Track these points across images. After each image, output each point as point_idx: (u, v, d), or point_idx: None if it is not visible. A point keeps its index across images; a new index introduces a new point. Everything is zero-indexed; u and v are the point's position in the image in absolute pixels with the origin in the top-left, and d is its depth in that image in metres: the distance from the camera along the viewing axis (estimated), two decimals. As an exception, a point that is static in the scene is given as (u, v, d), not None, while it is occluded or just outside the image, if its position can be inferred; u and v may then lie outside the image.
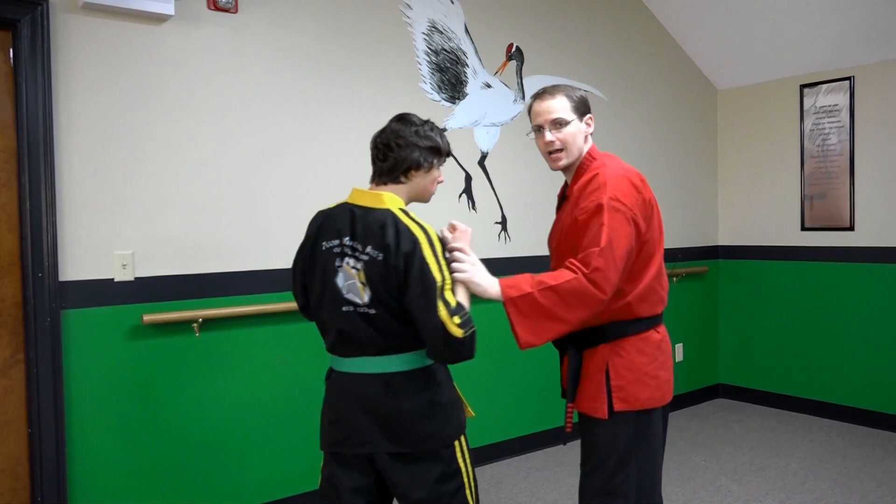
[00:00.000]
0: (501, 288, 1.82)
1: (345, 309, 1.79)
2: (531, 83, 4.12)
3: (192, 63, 3.01)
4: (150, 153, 2.92)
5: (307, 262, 1.91)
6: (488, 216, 4.00)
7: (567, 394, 2.03)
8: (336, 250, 1.81)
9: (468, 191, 3.91)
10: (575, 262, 1.83)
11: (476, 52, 3.93)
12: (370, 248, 1.75)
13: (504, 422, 4.03)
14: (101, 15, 2.80)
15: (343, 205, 1.87)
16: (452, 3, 3.84)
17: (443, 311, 1.69)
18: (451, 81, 3.84)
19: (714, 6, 4.55)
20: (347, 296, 1.78)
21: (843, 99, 4.50)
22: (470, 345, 1.71)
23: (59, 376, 2.71)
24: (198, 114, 3.03)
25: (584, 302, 1.80)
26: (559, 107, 1.99)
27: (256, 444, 3.18)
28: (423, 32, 3.73)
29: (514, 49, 4.08)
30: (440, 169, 1.94)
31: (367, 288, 1.76)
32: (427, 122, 1.90)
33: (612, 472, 1.93)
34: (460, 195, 3.88)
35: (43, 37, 2.66)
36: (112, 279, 2.84)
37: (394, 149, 1.83)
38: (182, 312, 2.92)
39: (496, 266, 3.99)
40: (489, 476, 3.75)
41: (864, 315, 4.46)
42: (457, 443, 1.85)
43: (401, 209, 1.82)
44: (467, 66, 3.90)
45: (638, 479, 1.94)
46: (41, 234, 2.67)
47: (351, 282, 1.78)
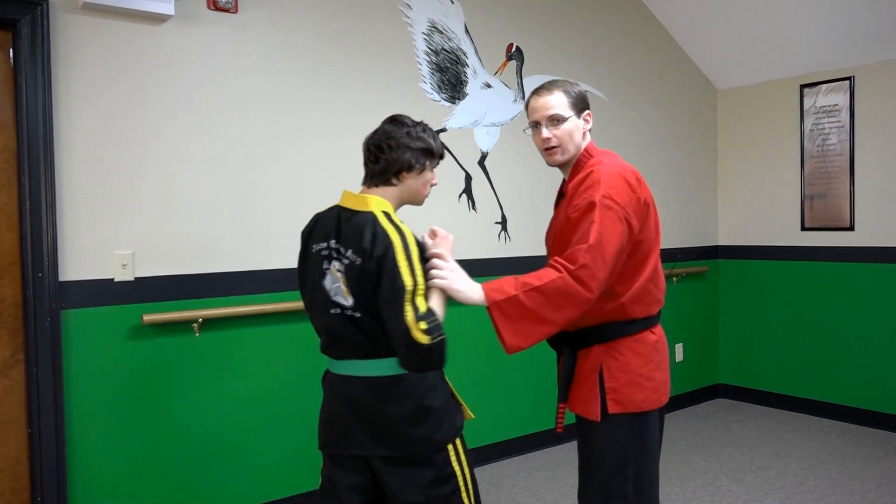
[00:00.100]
0: (485, 292, 1.77)
1: (332, 311, 1.79)
2: (531, 83, 4.12)
3: (192, 63, 3.01)
4: (151, 153, 2.92)
5: (301, 265, 1.93)
6: (488, 216, 4.00)
7: (559, 394, 2.01)
8: (324, 253, 1.81)
9: (468, 191, 3.91)
10: (560, 260, 1.79)
11: (476, 52, 3.93)
12: (350, 252, 1.75)
13: (504, 422, 4.03)
14: (101, 15, 2.80)
15: (333, 208, 1.88)
16: (452, 3, 3.84)
17: (409, 316, 1.64)
18: (451, 81, 3.84)
19: (714, 6, 4.55)
20: (335, 298, 1.78)
21: (843, 99, 4.50)
22: (437, 353, 1.65)
23: (59, 376, 2.71)
24: (198, 114, 3.03)
25: (570, 301, 1.76)
26: (556, 103, 1.95)
27: (256, 444, 3.18)
28: (423, 32, 3.73)
29: (514, 49, 4.08)
30: (434, 171, 1.90)
31: (350, 291, 1.75)
32: (420, 123, 1.87)
33: (609, 476, 1.91)
34: (460, 195, 3.88)
35: (43, 37, 2.66)
36: (112, 279, 2.84)
37: (385, 150, 1.81)
38: (182, 312, 2.93)
39: (496, 266, 4.03)
40: (489, 476, 3.75)
41: (864, 315, 4.46)
42: (451, 446, 1.82)
43: (384, 212, 1.78)
44: (467, 66, 3.90)
45: (636, 482, 1.91)
46: (41, 234, 2.67)
47: (337, 285, 1.78)
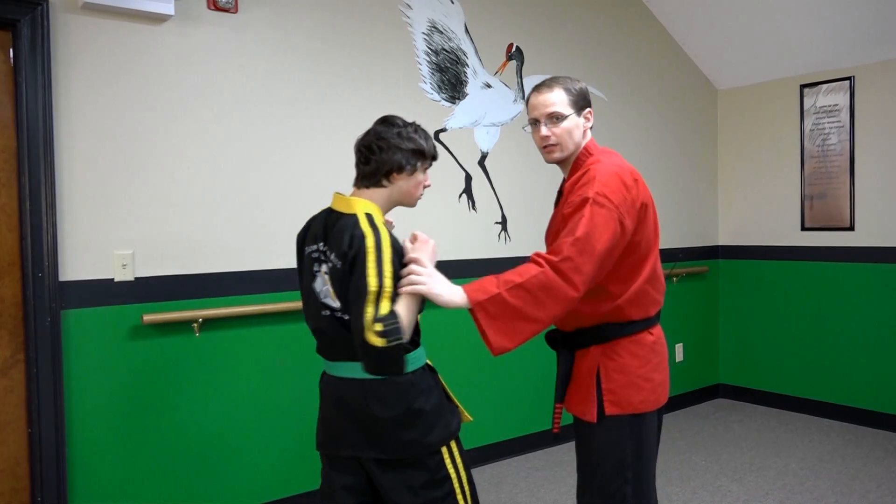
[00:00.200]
0: (466, 293, 1.70)
1: (323, 313, 1.79)
2: (531, 83, 4.12)
3: (192, 63, 3.01)
4: (151, 153, 2.92)
5: (298, 267, 1.93)
6: (488, 216, 4.00)
7: (556, 394, 1.99)
8: (314, 256, 1.81)
9: (468, 191, 3.91)
10: (542, 254, 1.75)
11: (476, 52, 3.93)
12: (333, 255, 1.74)
13: (504, 422, 4.03)
14: (101, 15, 2.80)
15: (325, 210, 1.88)
16: (452, 3, 3.84)
17: (368, 317, 1.61)
18: (451, 81, 3.84)
19: (714, 6, 4.55)
20: (325, 300, 1.79)
21: (843, 99, 4.50)
22: (390, 357, 1.60)
23: (59, 376, 2.71)
24: (198, 114, 3.03)
25: (554, 297, 1.70)
26: (556, 100, 1.93)
27: (256, 444, 3.18)
28: (423, 32, 3.73)
29: (514, 49, 4.08)
30: (427, 173, 1.87)
31: (336, 293, 1.75)
32: (411, 124, 1.85)
33: (607, 477, 1.90)
34: (460, 195, 3.88)
35: (43, 37, 2.66)
36: (112, 279, 2.84)
37: (375, 151, 1.79)
38: (182, 312, 2.93)
39: (496, 266, 4.01)
40: (489, 476, 3.75)
41: (864, 315, 4.46)
42: (444, 449, 1.80)
43: (366, 214, 1.76)
44: (467, 66, 3.90)
45: (634, 483, 1.90)
46: (41, 234, 2.67)
47: (326, 287, 1.78)
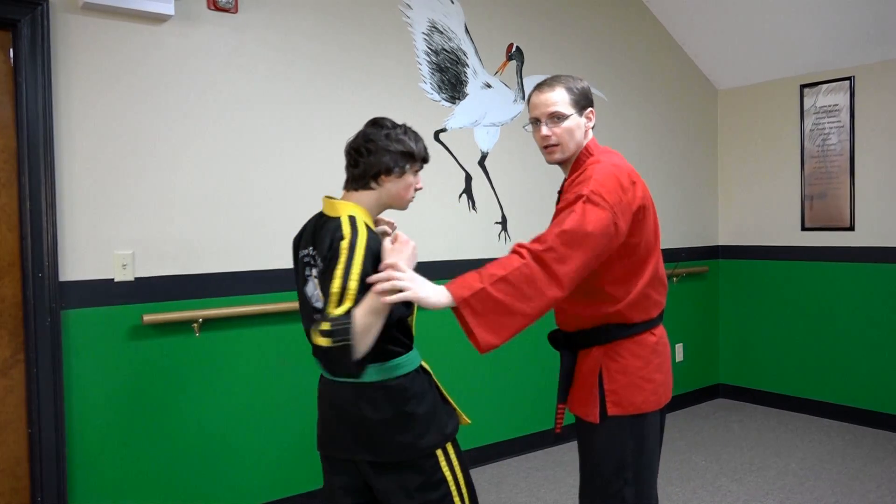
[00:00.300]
0: (451, 291, 1.64)
1: (315, 317, 1.78)
2: (531, 83, 4.12)
3: (192, 63, 3.01)
4: (151, 153, 2.92)
5: (294, 270, 1.93)
6: (488, 216, 4.00)
7: (558, 395, 1.99)
8: (306, 259, 1.81)
9: (468, 191, 3.91)
10: (525, 244, 1.71)
11: (476, 52, 3.93)
12: (319, 259, 1.74)
13: (504, 422, 4.03)
14: (101, 15, 2.80)
15: (317, 214, 1.88)
16: (452, 3, 3.84)
17: (324, 314, 1.58)
18: (452, 81, 3.84)
19: (714, 6, 4.55)
20: (315, 304, 1.78)
21: (843, 99, 4.50)
22: (338, 358, 1.55)
23: (59, 376, 2.71)
24: (198, 114, 3.03)
25: (537, 290, 1.66)
26: (558, 100, 1.91)
27: (256, 444, 3.18)
28: (423, 32, 3.73)
29: (514, 49, 4.08)
30: (418, 175, 1.86)
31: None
32: (401, 125, 1.84)
33: (608, 478, 1.90)
34: (460, 195, 3.88)
35: (43, 37, 2.66)
36: (112, 279, 2.84)
37: (363, 154, 1.78)
38: (182, 312, 2.93)
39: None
40: (489, 476, 3.75)
41: (864, 315, 4.46)
42: (440, 452, 1.79)
43: (350, 216, 1.75)
44: (467, 66, 3.90)
45: (636, 483, 1.90)
46: (41, 234, 2.67)
47: (316, 291, 1.77)
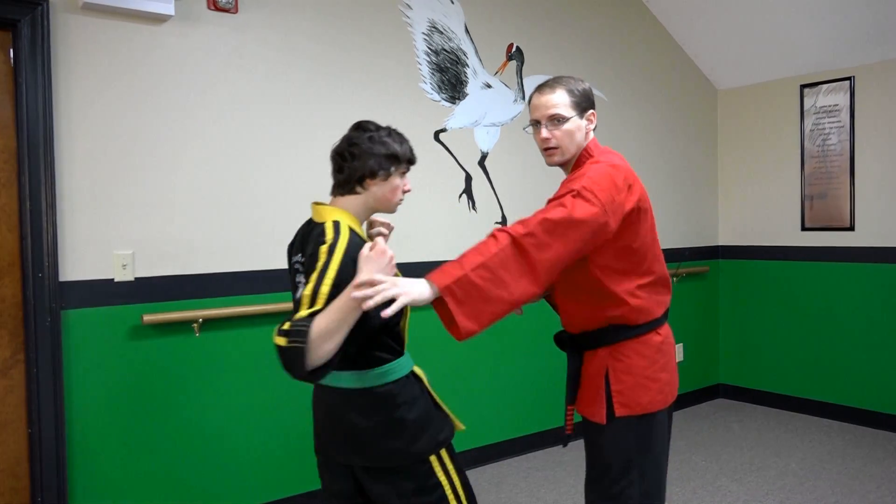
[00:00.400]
0: (433, 281, 1.59)
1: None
2: (531, 83, 4.12)
3: (192, 63, 3.01)
4: (151, 153, 2.92)
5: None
6: (488, 216, 4.00)
7: (567, 396, 2.00)
8: (296, 266, 1.80)
9: (468, 191, 3.91)
10: (505, 228, 1.68)
11: (476, 52, 3.93)
12: (305, 266, 1.73)
13: (504, 422, 4.03)
14: (101, 15, 2.80)
15: (308, 220, 1.87)
16: (452, 3, 3.84)
17: (292, 316, 1.56)
18: (452, 81, 3.84)
19: (714, 6, 4.55)
20: None
21: (843, 99, 4.50)
22: (289, 358, 1.51)
23: (59, 376, 2.71)
24: (198, 114, 3.03)
25: (513, 275, 1.63)
26: (558, 102, 1.90)
27: (256, 444, 3.18)
28: (423, 32, 3.73)
29: (514, 49, 4.08)
30: (405, 177, 1.84)
31: None
32: (385, 127, 1.82)
33: (615, 477, 1.90)
34: (460, 195, 3.88)
35: (43, 37, 2.66)
36: (112, 279, 2.84)
37: (347, 158, 1.77)
38: (182, 312, 2.93)
39: (496, 266, 4.02)
40: (489, 476, 3.75)
41: (864, 315, 4.46)
42: (433, 458, 1.78)
43: (334, 221, 1.72)
44: (467, 66, 3.90)
45: (641, 483, 1.90)
46: (41, 234, 2.67)
47: None
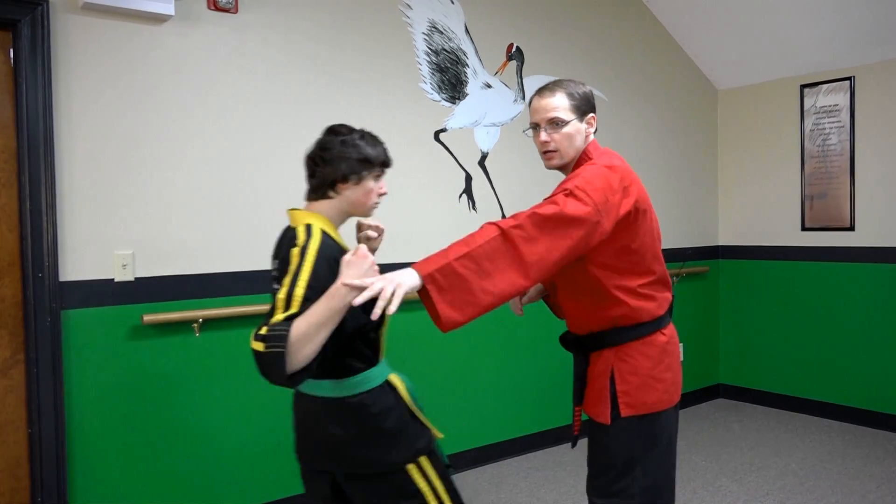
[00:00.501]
0: (416, 269, 1.58)
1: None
2: (531, 83, 4.12)
3: (192, 63, 3.01)
4: (151, 153, 2.92)
5: None
6: (488, 216, 3.99)
7: (573, 397, 2.01)
8: (274, 273, 1.77)
9: (468, 191, 3.91)
10: (495, 221, 1.68)
11: (476, 52, 3.93)
12: (279, 271, 1.71)
13: (504, 422, 4.03)
14: (101, 15, 2.80)
15: (286, 226, 1.84)
16: (452, 3, 3.84)
17: (268, 321, 1.54)
18: (452, 81, 3.84)
19: (714, 6, 4.55)
20: None
21: (843, 99, 4.50)
22: (268, 363, 1.48)
23: (59, 376, 2.71)
24: (198, 114, 3.03)
25: (499, 267, 1.61)
26: (558, 105, 1.90)
27: (256, 444, 3.18)
28: (423, 32, 3.73)
29: (514, 49, 4.08)
30: (380, 180, 1.81)
31: None
32: (358, 131, 1.80)
33: (616, 476, 1.91)
34: (460, 195, 3.88)
35: (43, 37, 2.66)
36: (112, 279, 2.84)
37: (319, 163, 1.75)
38: (182, 312, 2.93)
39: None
40: (489, 476, 3.75)
41: (864, 315, 4.46)
42: (412, 466, 1.76)
43: (306, 225, 1.70)
44: (467, 66, 3.90)
45: (644, 482, 1.91)
46: (41, 234, 2.67)
47: None
